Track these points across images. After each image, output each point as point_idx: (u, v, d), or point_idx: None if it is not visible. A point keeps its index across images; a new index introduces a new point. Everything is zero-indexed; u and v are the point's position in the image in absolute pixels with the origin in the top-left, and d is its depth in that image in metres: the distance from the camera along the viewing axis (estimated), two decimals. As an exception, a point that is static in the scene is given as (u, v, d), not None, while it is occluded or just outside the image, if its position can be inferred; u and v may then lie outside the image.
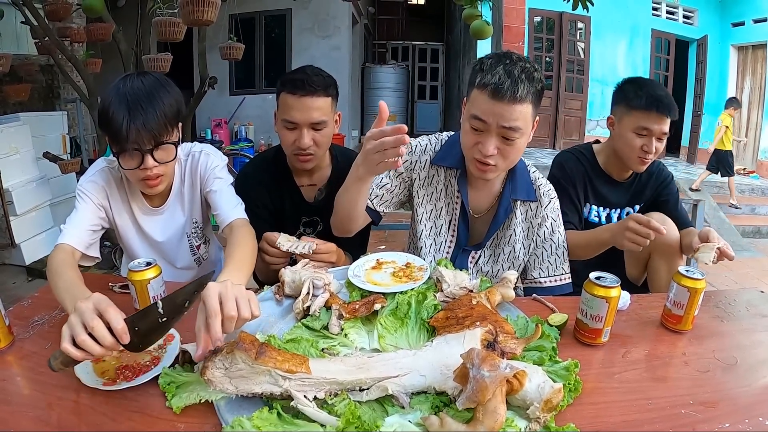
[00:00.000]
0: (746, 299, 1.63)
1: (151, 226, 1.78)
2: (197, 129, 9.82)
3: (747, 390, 1.15)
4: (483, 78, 1.48)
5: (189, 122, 4.95)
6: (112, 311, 0.99)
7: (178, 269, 1.90)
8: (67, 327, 0.98)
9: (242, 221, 1.62)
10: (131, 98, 1.40)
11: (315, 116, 1.78)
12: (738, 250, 6.19)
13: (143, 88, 1.43)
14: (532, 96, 1.48)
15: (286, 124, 1.81)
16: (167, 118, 1.45)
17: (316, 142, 1.82)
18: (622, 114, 2.00)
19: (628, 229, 1.65)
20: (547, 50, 10.72)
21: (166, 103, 1.45)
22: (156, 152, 1.47)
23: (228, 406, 0.98)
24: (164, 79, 1.53)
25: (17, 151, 4.37)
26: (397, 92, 12.91)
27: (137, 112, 1.39)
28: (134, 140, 1.41)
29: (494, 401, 0.89)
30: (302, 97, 1.75)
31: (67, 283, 1.30)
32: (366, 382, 1.02)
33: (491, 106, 1.46)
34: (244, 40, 5.04)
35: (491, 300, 1.33)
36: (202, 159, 1.75)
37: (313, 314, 1.30)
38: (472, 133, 1.55)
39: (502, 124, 1.47)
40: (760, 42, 9.76)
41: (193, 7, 2.81)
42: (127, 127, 1.38)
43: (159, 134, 1.44)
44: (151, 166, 1.47)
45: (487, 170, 1.58)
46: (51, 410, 0.99)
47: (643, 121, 1.92)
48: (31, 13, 4.08)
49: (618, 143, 2.03)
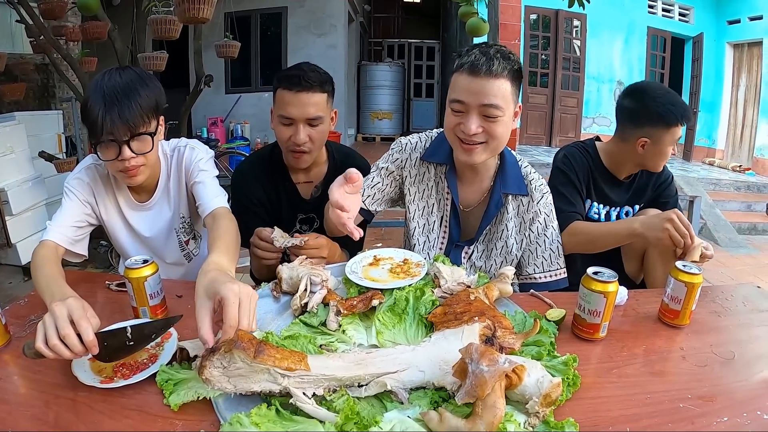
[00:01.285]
0: (743, 294, 1.63)
1: (139, 221, 1.79)
2: (193, 127, 9.83)
3: (744, 384, 1.15)
4: (460, 60, 1.54)
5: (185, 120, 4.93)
6: (84, 323, 1.05)
7: (168, 265, 1.90)
8: (41, 326, 1.05)
9: (224, 210, 1.62)
10: (108, 91, 1.43)
11: (311, 112, 1.78)
12: (734, 247, 6.28)
13: (120, 81, 1.46)
14: (509, 73, 1.51)
15: (282, 120, 1.81)
16: (143, 109, 1.47)
17: (311, 138, 1.82)
18: (662, 133, 1.96)
19: (671, 221, 1.63)
20: (543, 48, 10.72)
21: (142, 95, 1.47)
22: (132, 143, 1.49)
23: (226, 403, 0.98)
24: (144, 73, 1.56)
25: (12, 151, 4.34)
26: (393, 90, 12.90)
27: (113, 104, 1.42)
28: (109, 131, 1.44)
29: (493, 396, 0.89)
30: (298, 93, 1.76)
31: (47, 279, 1.32)
32: (365, 378, 1.02)
33: (469, 83, 1.51)
34: (240, 38, 5.03)
35: (489, 295, 1.33)
36: (187, 153, 1.76)
37: (310, 311, 1.30)
38: (453, 115, 1.58)
39: (481, 101, 1.50)
40: (755, 39, 9.78)
41: (189, 4, 2.80)
42: (103, 118, 1.42)
43: (134, 125, 1.46)
44: (128, 156, 1.49)
45: (473, 150, 1.58)
46: (48, 409, 0.99)
47: (676, 134, 1.95)
48: (26, 12, 4.06)
49: (650, 160, 2.03)
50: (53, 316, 1.05)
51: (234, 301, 1.01)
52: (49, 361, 1.07)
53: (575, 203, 2.03)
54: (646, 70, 10.86)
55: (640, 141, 1.99)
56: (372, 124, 12.80)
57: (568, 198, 2.01)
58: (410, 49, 14.53)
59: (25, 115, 4.82)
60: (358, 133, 13.02)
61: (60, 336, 1.03)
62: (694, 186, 8.18)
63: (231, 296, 1.02)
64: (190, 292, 1.44)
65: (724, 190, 8.53)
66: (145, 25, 3.72)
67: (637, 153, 2.01)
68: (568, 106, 10.80)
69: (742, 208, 7.97)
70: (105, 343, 1.07)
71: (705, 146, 10.99)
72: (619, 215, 2.18)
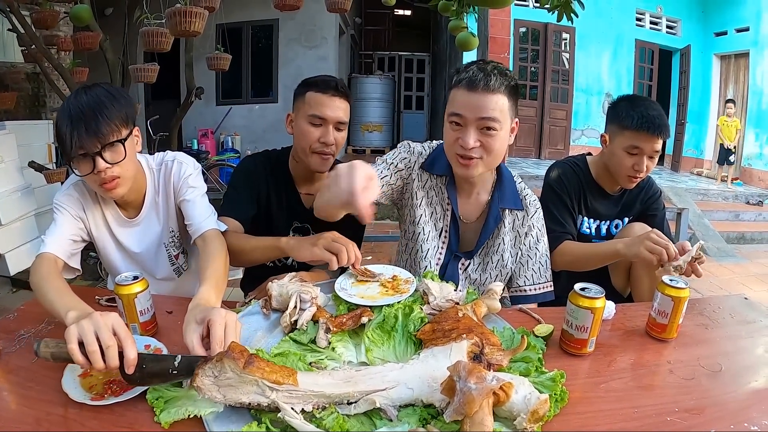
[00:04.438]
0: (730, 306, 1.65)
1: (127, 237, 1.78)
2: (184, 139, 9.79)
3: (732, 396, 1.16)
4: (458, 76, 1.59)
5: (175, 132, 4.93)
6: (130, 340, 1.05)
7: (158, 280, 1.89)
8: (76, 329, 1.02)
9: (214, 232, 1.65)
10: (74, 110, 1.44)
11: (341, 116, 1.89)
12: (722, 256, 6.33)
13: (86, 99, 1.47)
14: (506, 89, 1.55)
15: (313, 120, 1.87)
16: (111, 120, 1.48)
17: (337, 142, 1.91)
18: (615, 132, 2.02)
19: (649, 238, 1.67)
20: (533, 60, 10.81)
21: (109, 107, 1.48)
22: (105, 153, 1.48)
23: (217, 421, 0.98)
24: (113, 89, 1.56)
25: (2, 160, 4.30)
26: (384, 102, 12.92)
27: (79, 121, 1.43)
28: (79, 145, 1.44)
29: (481, 413, 0.90)
30: (333, 97, 1.86)
31: (57, 291, 1.33)
32: (354, 396, 1.02)
33: (467, 98, 1.55)
34: (231, 50, 5.02)
35: (477, 312, 1.34)
36: (174, 168, 1.76)
37: (300, 328, 1.29)
38: (452, 130, 1.61)
39: (479, 115, 1.54)
40: (742, 51, 9.91)
41: (181, 18, 2.81)
42: (71, 135, 1.42)
43: (103, 135, 1.46)
44: (102, 168, 1.48)
45: (470, 165, 1.61)
46: (39, 425, 0.98)
47: (634, 141, 1.94)
48: (18, 21, 4.04)
49: (610, 160, 2.06)
50: (95, 324, 1.03)
51: (221, 322, 1.09)
52: (40, 377, 1.08)
53: (565, 224, 2.06)
54: (635, 82, 10.98)
55: (602, 136, 2.08)
56: (362, 137, 12.79)
57: (558, 218, 2.04)
58: (400, 61, 14.58)
59: (15, 125, 4.77)
60: (348, 145, 13.02)
61: (102, 345, 1.01)
62: (682, 196, 8.25)
63: (218, 318, 1.10)
64: (180, 308, 1.46)
65: (712, 200, 8.62)
66: (137, 37, 3.72)
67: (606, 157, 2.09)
68: (557, 118, 10.88)
69: (730, 218, 8.05)
70: (143, 366, 1.04)
71: (693, 157, 11.10)
72: (609, 229, 2.20)
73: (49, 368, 1.12)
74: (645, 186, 2.19)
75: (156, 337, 1.29)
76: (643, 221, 2.12)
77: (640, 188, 2.18)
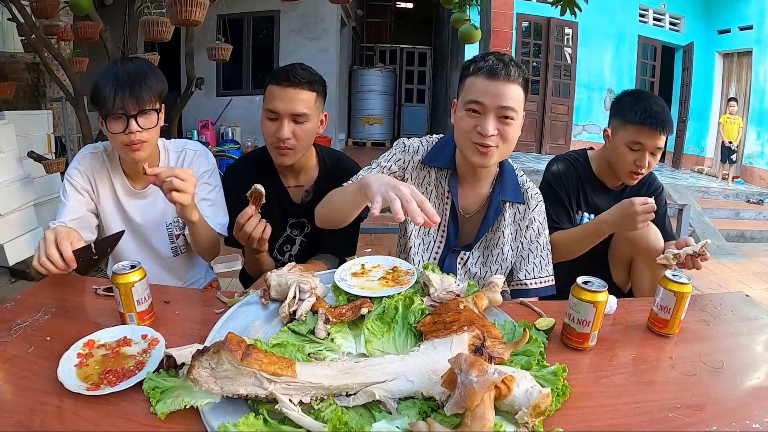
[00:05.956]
0: (732, 303, 1.64)
1: (133, 207, 1.86)
2: (183, 130, 9.78)
3: (734, 393, 1.15)
4: (477, 65, 1.59)
5: (175, 123, 4.89)
6: (65, 243, 1.40)
7: (155, 257, 1.95)
8: (36, 249, 1.41)
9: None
10: (121, 73, 1.60)
11: (297, 108, 1.80)
12: (723, 254, 6.33)
13: (131, 66, 1.64)
14: (522, 81, 1.58)
15: (268, 114, 1.83)
16: (151, 90, 1.64)
17: (296, 135, 1.82)
18: (618, 127, 2.01)
19: (636, 213, 1.70)
20: (535, 55, 10.79)
21: (151, 78, 1.65)
22: (139, 118, 1.63)
23: (213, 412, 0.97)
24: (152, 65, 1.72)
25: (1, 150, 4.29)
26: (385, 95, 12.92)
27: (124, 82, 1.59)
28: (120, 105, 1.58)
29: (482, 407, 0.89)
30: (286, 88, 1.79)
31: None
32: (353, 388, 1.01)
33: (487, 86, 1.55)
34: (231, 41, 5.00)
35: (478, 304, 1.32)
36: (196, 160, 1.87)
37: (299, 318, 1.28)
38: (469, 117, 1.60)
39: (499, 104, 1.55)
40: (745, 49, 9.89)
41: (181, 7, 2.78)
42: (114, 94, 1.57)
43: (143, 101, 1.62)
44: (134, 130, 1.62)
45: (488, 153, 1.60)
46: (33, 415, 0.97)
47: (636, 136, 1.93)
48: (17, 10, 4.01)
49: (612, 155, 2.05)
50: (44, 240, 1.40)
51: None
52: (35, 367, 1.08)
53: (559, 220, 2.06)
54: (636, 79, 10.96)
55: (605, 130, 2.08)
56: (363, 129, 12.81)
57: (551, 215, 2.01)
58: (402, 54, 14.57)
59: (14, 115, 4.77)
60: (348, 137, 13.02)
61: (46, 254, 1.37)
62: (683, 193, 8.25)
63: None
64: (177, 297, 1.47)
65: (712, 198, 8.62)
66: (137, 27, 3.69)
67: (608, 152, 2.08)
68: (558, 113, 10.88)
69: (730, 216, 8.05)
70: (80, 258, 1.41)
71: (694, 154, 11.09)
72: None
73: (44, 358, 1.12)
74: (647, 182, 2.18)
75: (153, 326, 1.27)
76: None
77: (642, 183, 2.16)
